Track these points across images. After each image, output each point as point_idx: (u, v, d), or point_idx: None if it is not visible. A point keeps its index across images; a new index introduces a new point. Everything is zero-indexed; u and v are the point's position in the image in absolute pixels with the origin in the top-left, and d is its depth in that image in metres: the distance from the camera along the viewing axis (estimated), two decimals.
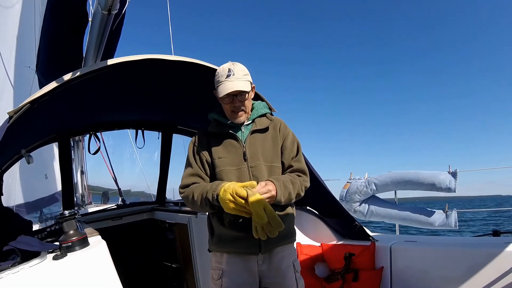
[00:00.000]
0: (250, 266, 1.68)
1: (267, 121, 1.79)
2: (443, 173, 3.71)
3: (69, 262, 1.70)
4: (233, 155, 1.70)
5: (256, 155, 1.70)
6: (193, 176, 1.72)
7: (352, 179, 4.26)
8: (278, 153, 1.76)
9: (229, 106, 1.69)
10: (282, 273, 1.72)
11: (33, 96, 1.94)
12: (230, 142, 1.72)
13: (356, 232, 2.95)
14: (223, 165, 1.68)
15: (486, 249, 2.36)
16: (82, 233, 1.96)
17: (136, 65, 2.17)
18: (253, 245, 1.63)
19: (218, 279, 1.70)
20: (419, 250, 2.65)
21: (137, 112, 3.38)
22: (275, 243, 1.67)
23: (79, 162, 6.24)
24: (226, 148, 1.71)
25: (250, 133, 1.73)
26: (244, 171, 1.67)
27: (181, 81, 2.59)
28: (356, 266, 2.75)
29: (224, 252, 1.71)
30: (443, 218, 3.67)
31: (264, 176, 1.68)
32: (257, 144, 1.72)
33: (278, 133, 1.78)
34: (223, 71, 1.68)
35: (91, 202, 6.50)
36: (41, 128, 2.89)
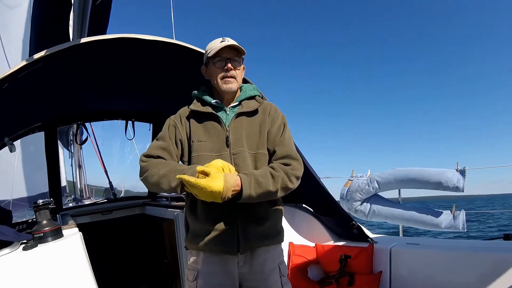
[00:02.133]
0: (228, 267, 1.48)
1: (255, 103, 1.59)
2: (451, 171, 3.47)
3: (38, 252, 1.67)
4: (214, 140, 1.51)
5: (239, 141, 1.50)
6: (163, 150, 1.51)
7: (353, 177, 4.04)
8: (265, 139, 1.55)
9: (220, 71, 1.53)
10: (265, 277, 1.51)
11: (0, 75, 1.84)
12: (212, 124, 1.53)
13: (353, 233, 2.74)
14: (202, 150, 1.49)
15: (497, 254, 2.13)
16: (55, 224, 1.90)
17: (114, 46, 2.04)
18: (230, 242, 1.43)
19: (193, 280, 1.51)
20: (422, 253, 2.42)
21: (126, 101, 3.27)
22: (257, 242, 1.48)
23: (77, 156, 6.18)
24: (208, 131, 1.52)
25: (236, 116, 1.53)
26: (226, 158, 1.46)
27: (170, 69, 2.46)
28: (352, 270, 2.54)
29: (200, 250, 1.50)
30: (450, 219, 3.42)
31: (248, 164, 1.48)
32: (242, 129, 1.52)
33: (267, 117, 1.57)
34: (216, 40, 1.56)
35: (90, 197, 6.43)
36: (25, 116, 2.81)
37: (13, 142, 2.73)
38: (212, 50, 1.52)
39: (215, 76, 1.54)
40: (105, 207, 3.53)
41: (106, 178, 4.81)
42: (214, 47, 1.52)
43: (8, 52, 6.40)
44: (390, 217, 3.76)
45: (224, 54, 1.51)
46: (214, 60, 1.52)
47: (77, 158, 6.17)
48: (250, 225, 1.45)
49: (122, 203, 3.72)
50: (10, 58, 6.34)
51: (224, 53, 1.51)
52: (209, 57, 1.53)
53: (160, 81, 2.73)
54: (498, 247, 2.35)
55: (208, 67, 1.58)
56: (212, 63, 1.54)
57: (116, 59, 2.32)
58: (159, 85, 2.82)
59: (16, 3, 7.00)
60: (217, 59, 1.52)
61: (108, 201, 3.91)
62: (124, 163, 8.41)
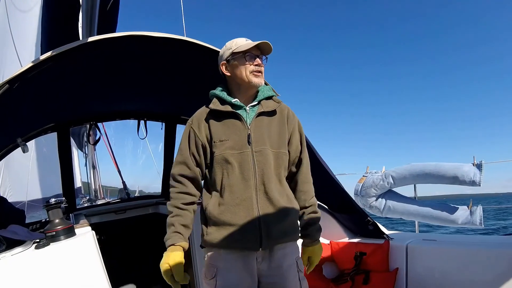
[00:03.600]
0: (249, 264, 1.47)
1: (274, 103, 1.61)
2: (467, 165, 3.38)
3: (51, 251, 1.69)
4: (235, 138, 1.50)
5: (262, 139, 1.51)
6: (181, 165, 1.55)
7: (368, 173, 3.98)
8: (285, 140, 1.58)
9: (251, 66, 1.53)
10: (283, 273, 1.51)
11: (11, 75, 1.85)
12: (233, 122, 1.53)
13: (368, 229, 2.70)
14: (224, 149, 1.48)
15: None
16: (68, 223, 1.91)
17: (122, 44, 2.03)
18: (253, 238, 1.43)
19: (212, 277, 1.49)
20: (439, 250, 2.37)
21: (139, 101, 3.28)
22: (278, 238, 1.48)
23: (91, 157, 6.25)
24: (229, 129, 1.52)
25: (256, 116, 1.54)
26: (248, 156, 1.47)
27: (182, 67, 2.45)
28: (368, 267, 2.50)
29: (220, 248, 1.49)
30: (467, 215, 3.34)
31: (270, 162, 1.50)
32: (263, 128, 1.53)
33: (285, 119, 1.61)
34: (238, 39, 1.58)
35: (104, 198, 6.51)
36: (38, 117, 2.84)
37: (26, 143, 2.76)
38: (241, 46, 1.52)
39: (244, 70, 1.53)
40: (118, 207, 3.54)
41: (120, 178, 4.85)
42: (242, 44, 1.53)
43: (20, 54, 6.50)
44: (405, 213, 3.70)
45: (253, 51, 1.53)
46: (244, 54, 1.52)
47: (91, 159, 6.24)
48: (272, 222, 1.46)
49: (136, 202, 3.73)
50: (23, 61, 6.44)
51: (253, 50, 1.53)
52: (237, 52, 1.53)
53: (172, 80, 2.72)
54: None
55: (232, 63, 1.56)
56: (242, 57, 1.53)
57: (127, 59, 2.32)
58: (171, 84, 2.82)
59: (28, 7, 7.11)
60: (247, 54, 1.52)
61: (121, 200, 3.93)
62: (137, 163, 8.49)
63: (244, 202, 1.44)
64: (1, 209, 2.33)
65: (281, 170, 1.55)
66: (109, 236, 3.13)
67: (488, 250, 2.16)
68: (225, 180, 1.48)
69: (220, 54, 1.62)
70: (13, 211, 2.45)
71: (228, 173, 1.47)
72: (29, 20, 6.97)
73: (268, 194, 1.47)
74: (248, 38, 1.57)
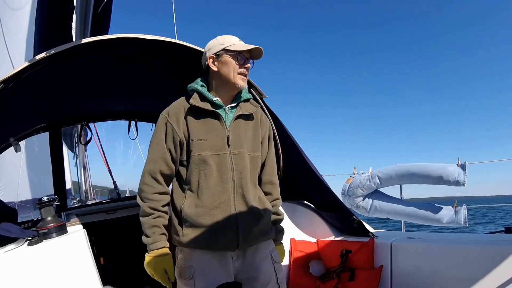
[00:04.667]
0: (225, 262, 1.48)
1: (251, 107, 1.61)
2: (452, 165, 3.47)
3: (43, 248, 1.72)
4: (214, 138, 1.48)
5: (239, 142, 1.51)
6: (159, 162, 1.50)
7: (355, 174, 4.06)
8: (259, 143, 1.61)
9: (241, 68, 1.51)
10: (257, 266, 1.53)
11: (6, 75, 1.88)
12: (213, 122, 1.50)
13: (354, 228, 2.76)
14: (203, 149, 1.46)
15: (499, 247, 2.12)
16: (60, 220, 1.94)
17: (115, 46, 2.07)
18: (230, 240, 1.44)
19: (190, 278, 1.46)
20: (423, 247, 2.42)
21: (130, 102, 3.32)
22: (254, 239, 1.51)
23: (82, 158, 6.24)
24: (207, 129, 1.49)
25: (235, 118, 1.53)
26: (226, 158, 1.47)
27: (173, 69, 2.49)
28: (353, 265, 2.55)
29: (196, 248, 1.48)
30: (452, 215, 3.42)
31: (246, 164, 1.51)
32: (241, 130, 1.53)
33: (259, 123, 1.63)
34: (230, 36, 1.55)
35: (95, 199, 6.48)
36: (30, 117, 2.86)
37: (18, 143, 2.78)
38: (234, 45, 1.50)
39: (232, 69, 1.50)
40: (109, 207, 3.56)
41: (111, 179, 4.86)
42: (235, 43, 1.51)
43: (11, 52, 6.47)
44: (391, 212, 3.77)
45: (245, 53, 1.52)
46: (237, 54, 1.50)
47: (81, 159, 6.22)
48: (249, 224, 1.47)
49: (126, 203, 3.74)
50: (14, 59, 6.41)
51: (245, 52, 1.52)
52: (230, 50, 1.50)
53: (162, 81, 2.76)
54: (499, 240, 2.35)
55: (222, 59, 1.51)
56: (235, 57, 1.50)
57: (119, 60, 2.35)
58: (161, 85, 2.85)
59: (19, 5, 7.09)
60: (240, 54, 1.51)
61: (112, 200, 3.94)
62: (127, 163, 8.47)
63: (222, 204, 1.44)
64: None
65: (256, 172, 1.59)
66: (99, 235, 3.15)
67: (471, 248, 2.21)
68: (202, 181, 1.45)
69: (208, 46, 1.56)
70: (5, 209, 2.47)
71: (206, 175, 1.45)
72: (20, 19, 6.94)
73: (245, 197, 1.48)
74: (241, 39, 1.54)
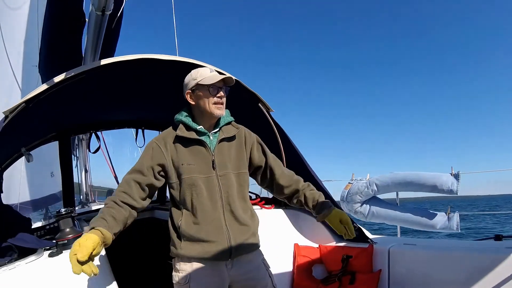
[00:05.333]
0: (219, 269, 1.65)
1: (233, 129, 1.78)
2: (445, 174, 3.65)
3: (64, 259, 1.72)
4: (201, 163, 1.66)
5: (224, 164, 1.69)
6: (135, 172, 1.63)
7: (353, 180, 4.21)
8: (245, 160, 1.76)
9: (214, 98, 1.65)
10: (253, 276, 1.71)
11: (28, 95, 1.97)
12: (199, 149, 1.68)
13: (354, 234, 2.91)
14: (192, 172, 1.63)
15: (488, 254, 2.29)
16: (78, 231, 2.00)
17: (131, 64, 2.18)
18: (223, 251, 1.61)
19: (186, 283, 1.63)
20: (418, 253, 2.59)
21: (137, 111, 3.41)
22: (244, 249, 1.68)
23: (83, 161, 6.30)
24: (194, 155, 1.67)
25: (218, 142, 1.71)
26: (213, 180, 1.65)
27: (179, 81, 2.60)
28: (353, 269, 2.71)
29: (191, 258, 1.64)
30: (445, 221, 3.60)
31: (233, 184, 1.68)
32: (224, 152, 1.71)
33: (243, 141, 1.79)
34: (203, 69, 1.72)
35: (95, 201, 6.55)
36: (41, 127, 2.92)
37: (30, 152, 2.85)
38: (205, 78, 1.65)
39: (207, 101, 1.66)
40: None
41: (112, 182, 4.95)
42: (207, 76, 1.66)
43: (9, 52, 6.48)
44: (388, 218, 3.94)
45: (217, 83, 1.66)
46: (208, 87, 1.65)
47: (82, 161, 6.29)
48: (238, 236, 1.65)
49: None
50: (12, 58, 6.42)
51: (217, 83, 1.66)
52: (201, 84, 1.65)
53: (168, 93, 2.87)
54: (489, 247, 2.52)
55: (197, 93, 1.68)
56: (206, 90, 1.65)
57: (131, 76, 2.45)
58: (168, 94, 2.96)
59: (17, 4, 7.08)
60: (212, 86, 1.65)
61: None
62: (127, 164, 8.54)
63: (214, 221, 1.62)
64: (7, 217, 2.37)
65: (243, 188, 1.74)
66: None
67: (463, 254, 2.39)
68: (195, 201, 1.62)
69: (185, 82, 1.73)
70: (19, 219, 2.49)
71: (198, 195, 1.62)
72: (18, 18, 6.94)
73: (233, 213, 1.65)
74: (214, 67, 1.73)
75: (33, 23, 6.92)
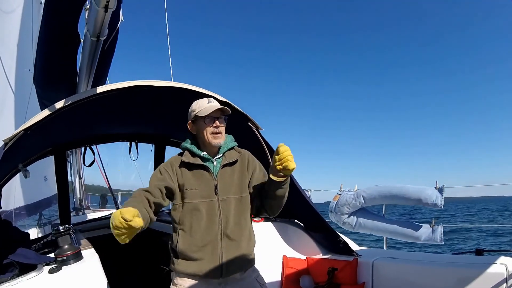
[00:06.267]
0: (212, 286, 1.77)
1: (236, 154, 1.88)
2: (430, 188, 3.76)
3: (64, 275, 1.83)
4: (204, 187, 1.77)
5: (226, 188, 1.79)
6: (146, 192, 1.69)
7: (342, 191, 4.33)
8: (246, 184, 1.86)
9: (210, 128, 1.77)
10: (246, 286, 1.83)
11: (26, 124, 2.05)
12: (203, 174, 1.79)
13: (340, 247, 3.03)
14: (195, 197, 1.75)
15: (468, 269, 2.42)
16: (76, 248, 2.07)
17: (126, 90, 2.26)
18: (215, 270, 1.72)
19: None
20: (401, 266, 2.72)
21: (131, 126, 3.48)
22: (236, 269, 1.78)
23: (77, 166, 6.34)
24: (198, 180, 1.78)
25: (221, 167, 1.81)
26: (215, 204, 1.76)
27: (171, 100, 2.68)
28: (339, 281, 2.83)
29: (187, 274, 1.77)
30: (429, 233, 3.73)
31: (233, 209, 1.79)
32: (227, 177, 1.81)
33: (246, 165, 1.88)
34: (202, 100, 1.84)
35: (89, 207, 6.59)
36: (37, 144, 2.97)
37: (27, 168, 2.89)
38: (202, 110, 1.77)
39: (205, 132, 1.78)
40: None
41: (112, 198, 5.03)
42: (203, 107, 1.78)
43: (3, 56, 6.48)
44: (375, 229, 4.07)
45: (213, 114, 1.78)
46: (204, 118, 1.77)
47: (76, 168, 6.33)
48: (231, 259, 1.75)
49: None
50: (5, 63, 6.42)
51: (213, 113, 1.78)
52: (199, 116, 1.78)
53: (162, 106, 2.95)
54: (469, 262, 2.65)
55: (196, 123, 1.82)
56: (203, 121, 1.78)
57: (127, 99, 2.53)
58: (161, 110, 3.05)
59: (10, 8, 7.06)
60: (207, 117, 1.77)
61: None
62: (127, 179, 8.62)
63: (210, 243, 1.73)
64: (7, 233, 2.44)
65: (244, 211, 1.83)
66: (102, 250, 3.32)
67: (443, 268, 2.52)
68: (194, 224, 1.73)
69: (189, 112, 1.87)
70: (18, 234, 2.54)
71: (198, 219, 1.74)
72: (11, 22, 6.92)
73: (229, 237, 1.76)
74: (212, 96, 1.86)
75: (27, 27, 6.92)
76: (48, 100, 3.86)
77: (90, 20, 2.36)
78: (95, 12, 2.20)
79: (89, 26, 2.41)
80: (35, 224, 6.15)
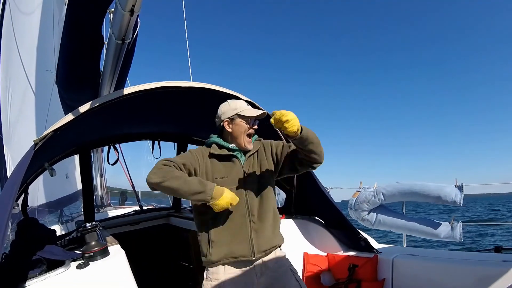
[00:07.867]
0: (249, 276, 1.83)
1: (257, 144, 1.99)
2: (449, 186, 3.75)
3: (91, 271, 1.88)
4: (234, 175, 1.86)
5: (253, 177, 1.89)
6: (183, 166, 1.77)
7: (361, 188, 4.34)
8: (271, 170, 1.95)
9: (248, 128, 1.88)
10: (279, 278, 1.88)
11: (56, 125, 2.13)
12: (231, 164, 1.88)
13: (360, 245, 3.05)
14: (225, 185, 1.81)
15: (487, 267, 2.44)
16: (103, 244, 2.14)
17: (151, 91, 2.33)
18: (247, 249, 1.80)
19: None
20: (421, 263, 2.73)
21: (154, 125, 3.55)
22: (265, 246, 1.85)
23: (98, 165, 6.48)
24: (227, 169, 1.87)
25: (247, 157, 1.92)
26: (242, 193, 1.84)
27: (194, 99, 2.74)
28: (359, 277, 2.86)
29: (222, 264, 1.82)
30: (448, 230, 3.71)
31: (258, 197, 1.88)
32: (254, 166, 1.92)
33: (263, 151, 1.98)
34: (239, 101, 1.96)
35: (110, 204, 6.73)
36: (63, 143, 3.07)
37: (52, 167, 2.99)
38: (245, 110, 1.89)
39: (243, 131, 1.89)
40: (133, 219, 3.81)
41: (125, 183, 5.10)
42: (245, 108, 1.91)
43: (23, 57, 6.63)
44: (394, 226, 4.07)
45: (257, 116, 1.90)
46: (249, 119, 1.89)
47: (98, 166, 6.47)
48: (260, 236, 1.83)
49: (149, 215, 4.00)
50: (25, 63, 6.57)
51: (257, 116, 1.90)
52: (242, 115, 1.88)
53: (183, 110, 3.01)
54: (488, 260, 2.65)
55: (235, 122, 1.90)
56: (245, 121, 1.89)
57: (151, 99, 2.60)
58: (182, 113, 3.11)
59: (30, 9, 7.21)
60: (251, 119, 1.90)
61: (135, 213, 4.20)
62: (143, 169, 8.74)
63: (240, 229, 1.81)
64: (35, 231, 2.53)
65: (268, 197, 1.91)
66: (124, 246, 3.41)
67: (463, 266, 2.53)
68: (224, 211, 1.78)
69: (222, 110, 1.93)
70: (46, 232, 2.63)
71: None
72: (31, 23, 7.07)
73: (257, 218, 1.84)
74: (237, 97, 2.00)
75: (46, 28, 7.05)
76: (70, 101, 3.96)
77: (115, 23, 2.42)
78: (121, 16, 2.26)
79: (114, 29, 2.47)
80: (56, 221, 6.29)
